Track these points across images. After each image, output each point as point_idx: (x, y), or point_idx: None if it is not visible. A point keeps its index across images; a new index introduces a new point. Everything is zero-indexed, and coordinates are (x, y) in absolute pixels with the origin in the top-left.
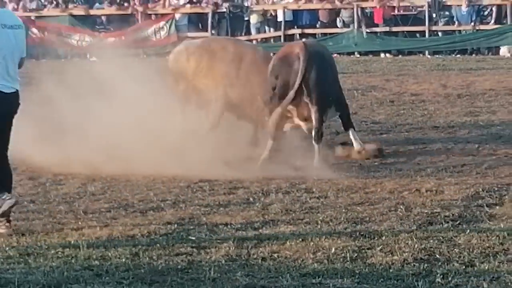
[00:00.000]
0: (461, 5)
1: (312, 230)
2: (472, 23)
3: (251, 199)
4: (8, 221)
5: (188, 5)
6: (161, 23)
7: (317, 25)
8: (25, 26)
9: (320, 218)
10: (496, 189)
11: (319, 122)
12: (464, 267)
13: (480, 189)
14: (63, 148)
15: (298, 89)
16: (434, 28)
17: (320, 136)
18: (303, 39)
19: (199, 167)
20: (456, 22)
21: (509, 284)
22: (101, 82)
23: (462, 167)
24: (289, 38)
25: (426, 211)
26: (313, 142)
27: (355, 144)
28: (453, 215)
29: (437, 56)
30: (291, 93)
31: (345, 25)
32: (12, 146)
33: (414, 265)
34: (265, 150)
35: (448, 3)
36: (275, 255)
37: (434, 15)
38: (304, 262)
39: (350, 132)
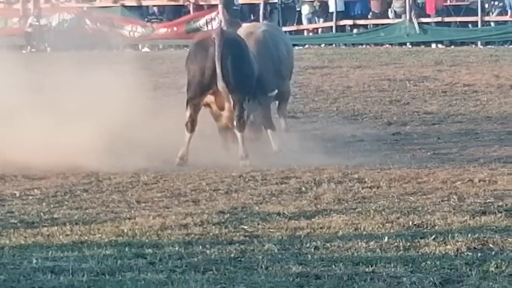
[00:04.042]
0: None
1: (364, 220)
2: None
3: (303, 188)
4: None
5: None
6: (213, 14)
7: (369, 16)
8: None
9: (373, 207)
10: None
11: (240, 110)
12: None
13: None
14: None
15: (213, 75)
16: (486, 18)
17: (242, 124)
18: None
19: None
20: (509, 12)
21: None
22: None
23: None
24: (341, 28)
25: (479, 201)
26: (235, 130)
27: (273, 145)
28: (506, 205)
29: (489, 46)
30: (220, 83)
31: (396, 15)
32: None
33: (467, 254)
34: (183, 144)
35: None
36: (328, 244)
37: (486, 6)
38: (357, 251)
39: (269, 132)
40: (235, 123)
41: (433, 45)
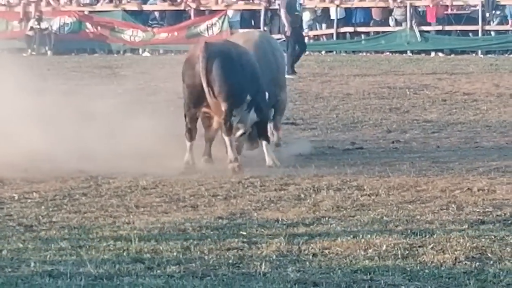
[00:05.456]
0: None
1: (363, 227)
2: None
3: (302, 195)
4: None
5: (241, 2)
6: (214, 19)
7: (370, 23)
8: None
9: (371, 215)
10: None
11: (228, 115)
12: None
13: None
14: None
15: (203, 91)
16: (487, 27)
17: (229, 128)
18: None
19: None
20: (510, 22)
21: None
22: None
23: None
24: (342, 36)
25: (478, 210)
26: (222, 134)
27: (267, 159)
28: (505, 214)
29: (490, 55)
30: (209, 99)
31: (397, 23)
32: None
33: (465, 263)
34: (186, 151)
35: (502, 2)
36: (326, 251)
37: (487, 15)
38: (355, 258)
39: (263, 145)
40: (222, 127)
41: (433, 54)
